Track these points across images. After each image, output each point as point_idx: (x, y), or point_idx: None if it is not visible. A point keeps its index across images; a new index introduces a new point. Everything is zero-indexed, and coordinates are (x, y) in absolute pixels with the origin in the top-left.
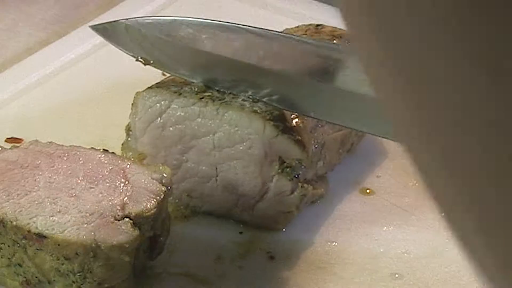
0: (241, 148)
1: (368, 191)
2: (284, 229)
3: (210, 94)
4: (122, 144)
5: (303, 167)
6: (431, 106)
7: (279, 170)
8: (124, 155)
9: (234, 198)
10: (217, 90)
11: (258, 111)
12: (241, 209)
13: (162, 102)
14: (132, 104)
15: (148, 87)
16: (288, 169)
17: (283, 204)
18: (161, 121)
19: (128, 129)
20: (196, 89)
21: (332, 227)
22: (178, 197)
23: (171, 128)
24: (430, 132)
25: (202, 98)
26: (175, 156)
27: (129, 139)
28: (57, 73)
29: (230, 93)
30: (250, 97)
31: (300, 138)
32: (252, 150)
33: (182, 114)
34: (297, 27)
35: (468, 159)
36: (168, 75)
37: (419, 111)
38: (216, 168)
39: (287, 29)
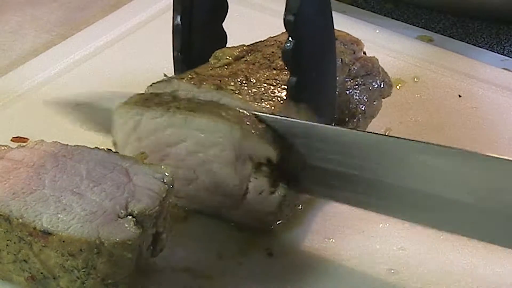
0: (213, 152)
1: None
2: (272, 228)
3: (177, 103)
4: None
5: (275, 164)
6: None
7: (253, 170)
8: None
9: (219, 198)
10: (183, 99)
11: (224, 114)
12: (228, 209)
13: (135, 117)
14: (112, 121)
15: (122, 103)
16: (263, 167)
17: (265, 204)
18: (137, 134)
19: (114, 143)
20: (163, 100)
21: (330, 224)
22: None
23: (146, 140)
24: None
25: (169, 108)
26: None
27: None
28: (62, 74)
29: (198, 102)
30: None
31: (266, 137)
32: (224, 153)
33: (153, 125)
34: None
35: None
36: (169, 76)
37: None
38: (194, 172)
39: (284, 33)
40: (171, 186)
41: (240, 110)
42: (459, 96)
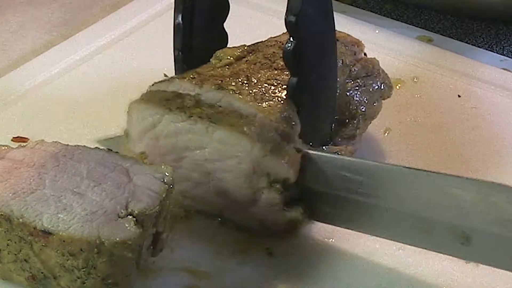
0: (231, 163)
1: None
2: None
3: (199, 111)
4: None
5: (290, 185)
6: None
7: (268, 185)
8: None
9: (226, 202)
10: (206, 105)
11: (247, 131)
12: (231, 212)
13: (154, 116)
14: (127, 112)
15: (141, 98)
16: (277, 185)
17: (274, 216)
18: (155, 132)
19: (127, 134)
20: (185, 104)
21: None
22: (173, 196)
23: (164, 140)
24: None
25: (191, 116)
26: (169, 163)
27: (128, 142)
28: (63, 74)
29: (221, 111)
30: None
31: (287, 159)
32: (241, 165)
33: (173, 129)
34: None
35: None
36: (169, 76)
37: None
38: (208, 177)
39: (285, 33)
40: (171, 186)
41: (264, 127)
42: (459, 96)
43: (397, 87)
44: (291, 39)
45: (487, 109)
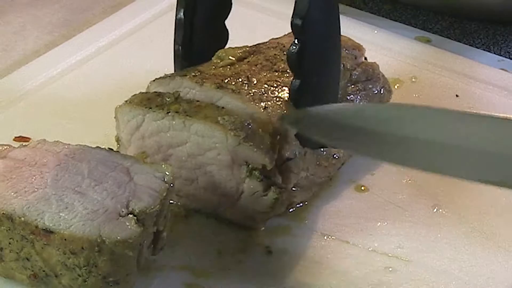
0: (211, 155)
1: (363, 188)
2: (266, 225)
3: (177, 106)
4: None
5: (267, 171)
6: None
7: (247, 173)
8: None
9: (216, 198)
10: (185, 100)
11: (221, 121)
12: (224, 208)
13: (138, 117)
14: (115, 117)
15: (125, 101)
16: (255, 172)
17: (258, 204)
18: (140, 133)
19: (117, 139)
20: (164, 101)
21: (328, 222)
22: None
23: (149, 139)
24: None
25: (169, 112)
26: (159, 162)
27: (119, 148)
28: (64, 74)
29: (198, 105)
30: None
31: (261, 146)
32: (221, 156)
33: (156, 127)
34: None
35: None
36: (168, 73)
37: None
38: (195, 172)
39: (286, 35)
40: (171, 185)
41: (239, 116)
42: (457, 96)
43: (396, 87)
44: (296, 41)
45: (485, 109)
